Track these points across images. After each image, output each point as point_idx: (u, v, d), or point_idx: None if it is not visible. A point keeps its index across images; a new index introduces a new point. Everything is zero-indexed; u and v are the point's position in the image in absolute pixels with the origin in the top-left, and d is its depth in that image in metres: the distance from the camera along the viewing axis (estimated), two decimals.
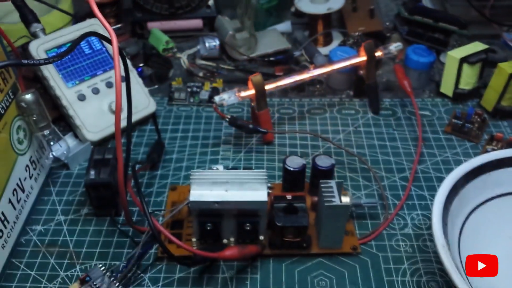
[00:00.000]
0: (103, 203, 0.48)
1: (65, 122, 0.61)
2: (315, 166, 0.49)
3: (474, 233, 0.45)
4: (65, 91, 0.57)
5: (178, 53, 0.73)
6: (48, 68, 0.57)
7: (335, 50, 0.67)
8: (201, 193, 0.42)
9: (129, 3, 0.78)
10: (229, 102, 0.55)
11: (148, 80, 0.68)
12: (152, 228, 0.39)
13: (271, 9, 0.80)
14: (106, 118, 0.58)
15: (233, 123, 0.56)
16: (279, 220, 0.44)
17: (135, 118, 0.60)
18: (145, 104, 0.61)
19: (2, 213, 0.44)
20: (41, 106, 0.48)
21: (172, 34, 0.77)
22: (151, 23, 0.77)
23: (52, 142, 0.50)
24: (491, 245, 0.44)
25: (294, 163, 0.49)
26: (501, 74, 0.60)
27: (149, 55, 0.70)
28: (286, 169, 0.48)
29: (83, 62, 0.59)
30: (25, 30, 0.58)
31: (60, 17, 0.71)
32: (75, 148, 0.55)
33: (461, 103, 0.65)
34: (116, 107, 0.35)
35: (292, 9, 0.84)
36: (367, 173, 0.55)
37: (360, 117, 0.63)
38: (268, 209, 0.45)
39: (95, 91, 0.58)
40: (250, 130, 0.56)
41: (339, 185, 0.44)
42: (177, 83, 0.67)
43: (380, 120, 0.62)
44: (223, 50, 0.74)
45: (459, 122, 0.60)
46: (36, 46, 0.56)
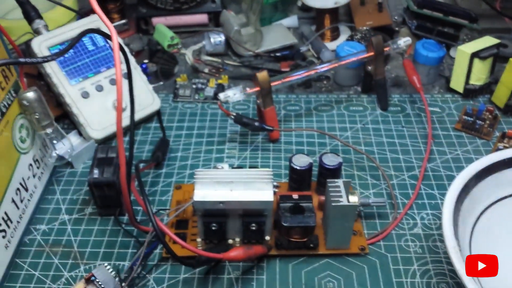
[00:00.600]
0: (107, 203, 0.48)
1: (68, 120, 0.60)
2: (322, 165, 0.48)
3: (485, 233, 0.44)
4: (68, 89, 0.56)
5: (183, 49, 0.72)
6: (51, 65, 0.56)
7: (342, 45, 0.66)
8: (205, 193, 0.41)
9: None
10: (234, 99, 0.54)
11: (153, 77, 0.68)
12: (156, 229, 0.39)
13: (277, 3, 0.79)
14: (110, 115, 0.57)
15: (238, 120, 0.55)
16: (285, 220, 0.43)
17: (140, 115, 0.59)
18: (149, 101, 0.60)
19: (5, 213, 0.43)
20: (43, 104, 0.48)
21: (177, 30, 0.76)
22: (156, 19, 0.76)
23: (55, 141, 0.50)
24: (503, 245, 0.43)
25: (301, 161, 0.48)
26: None
27: (154, 51, 0.70)
28: (293, 168, 0.47)
29: (87, 59, 0.58)
30: (29, 26, 0.58)
31: (64, 13, 0.71)
32: (79, 146, 0.55)
33: (472, 99, 0.64)
34: (118, 106, 0.34)
35: (299, 3, 0.83)
36: (375, 171, 0.54)
37: (368, 114, 0.62)
38: (274, 209, 0.44)
39: (99, 88, 0.58)
40: (256, 128, 0.55)
41: (347, 184, 0.43)
42: (182, 79, 0.66)
43: (388, 116, 0.61)
44: (228, 46, 0.73)
45: (469, 118, 0.59)
46: (39, 42, 0.56)
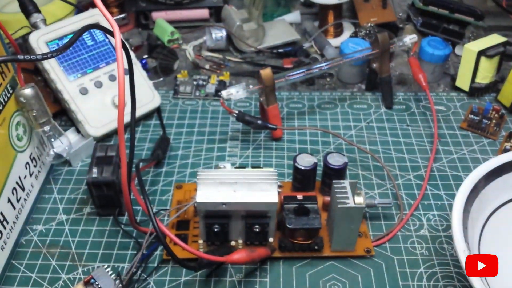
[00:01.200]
0: (106, 203, 0.46)
1: (66, 117, 0.59)
2: (327, 165, 0.46)
3: (494, 235, 0.43)
4: (66, 85, 0.55)
5: (184, 44, 0.70)
6: (49, 60, 0.54)
7: (346, 42, 0.64)
8: (208, 194, 0.40)
9: None
10: (237, 97, 0.52)
11: (153, 73, 0.66)
12: (157, 231, 0.37)
13: None
14: (109, 112, 0.56)
15: (241, 118, 0.54)
16: (290, 222, 0.42)
17: (139, 112, 0.57)
18: (149, 98, 0.59)
19: (1, 213, 0.42)
20: (41, 101, 0.46)
21: (178, 25, 0.74)
22: (156, 13, 0.75)
23: (53, 139, 0.48)
24: None
25: (305, 161, 0.46)
26: None
27: (153, 46, 0.68)
28: (297, 168, 0.46)
29: (85, 54, 0.57)
30: (26, 20, 0.56)
31: (62, 6, 0.69)
32: (77, 144, 0.53)
33: (478, 98, 0.63)
34: (119, 105, 0.33)
35: None
36: (380, 171, 0.52)
37: (373, 112, 0.60)
38: (278, 210, 0.43)
39: (98, 84, 0.56)
40: (259, 126, 0.54)
41: (353, 185, 0.42)
42: (183, 76, 0.65)
43: (393, 115, 0.60)
44: (230, 41, 0.72)
45: (475, 117, 0.58)
46: (37, 37, 0.54)
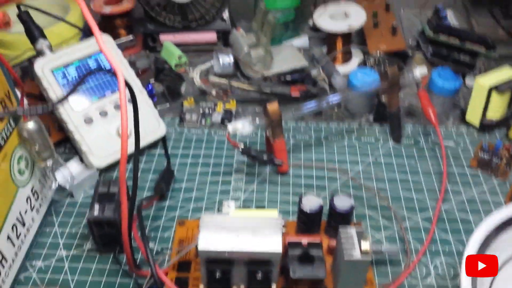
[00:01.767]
0: (108, 241, 0.46)
1: (70, 144, 0.58)
2: (333, 208, 0.45)
3: None
4: (71, 114, 0.54)
5: (191, 70, 0.69)
6: (54, 89, 0.54)
7: (355, 73, 0.63)
8: (210, 241, 0.39)
9: (141, 13, 0.75)
10: (243, 132, 0.51)
11: (159, 97, 0.66)
12: (156, 281, 0.37)
13: (288, 22, 0.77)
14: (113, 142, 0.55)
15: (246, 153, 0.53)
16: (293, 270, 0.41)
17: (144, 142, 0.57)
18: (154, 127, 0.58)
19: (0, 252, 0.41)
20: (43, 135, 0.45)
21: (185, 48, 0.74)
22: (164, 36, 0.74)
23: (55, 172, 0.48)
24: None
25: (311, 203, 0.45)
26: None
27: (160, 70, 0.67)
28: (302, 211, 0.45)
29: (91, 83, 0.56)
30: None
31: (68, 28, 0.69)
32: (80, 175, 0.53)
33: (488, 133, 0.62)
34: (122, 145, 0.32)
35: (310, 23, 0.81)
36: (387, 211, 0.51)
37: (380, 146, 0.59)
38: (282, 255, 0.42)
39: (103, 114, 0.55)
40: (264, 162, 0.53)
41: (360, 234, 0.41)
42: (189, 103, 0.64)
43: (401, 150, 0.59)
44: (237, 66, 0.71)
45: (485, 156, 0.56)
46: (42, 65, 0.54)
